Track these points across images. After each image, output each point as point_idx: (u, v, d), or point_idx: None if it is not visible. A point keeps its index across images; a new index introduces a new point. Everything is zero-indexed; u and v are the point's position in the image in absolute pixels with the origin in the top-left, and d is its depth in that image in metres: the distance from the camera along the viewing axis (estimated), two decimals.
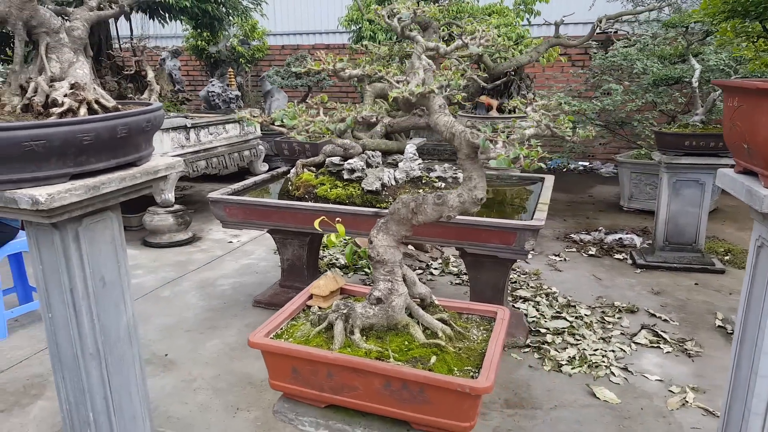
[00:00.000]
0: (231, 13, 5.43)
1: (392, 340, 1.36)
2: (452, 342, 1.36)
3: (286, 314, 1.49)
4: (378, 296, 1.37)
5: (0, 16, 1.51)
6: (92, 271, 1.73)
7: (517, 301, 3.69)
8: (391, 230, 1.34)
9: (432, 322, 1.37)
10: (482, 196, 1.23)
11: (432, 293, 1.51)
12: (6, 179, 1.43)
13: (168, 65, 7.44)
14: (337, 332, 1.35)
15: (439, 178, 3.19)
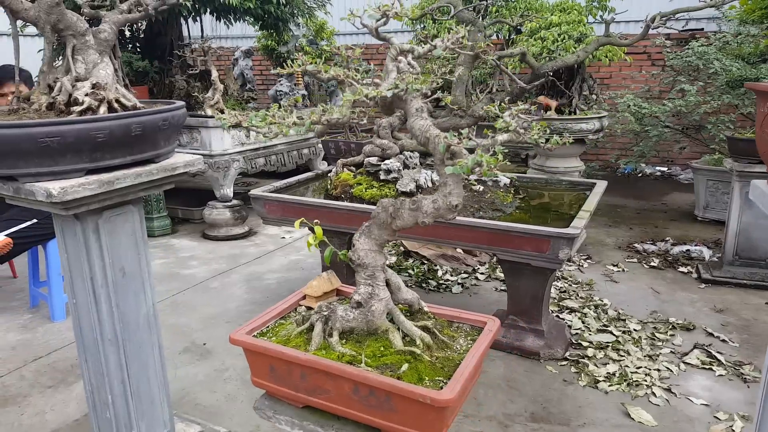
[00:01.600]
0: (295, 13, 5.55)
1: (370, 345, 1.34)
2: (430, 351, 1.32)
3: (275, 313, 1.51)
4: (358, 300, 1.35)
5: (30, 20, 1.62)
6: (112, 262, 1.83)
7: (563, 311, 3.54)
8: (373, 234, 1.33)
9: (411, 329, 1.34)
10: (457, 202, 1.19)
11: (420, 300, 1.47)
12: (25, 173, 1.54)
13: (241, 64, 7.73)
14: (315, 334, 1.35)
15: (479, 181, 3.12)
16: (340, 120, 1.20)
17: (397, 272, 4.14)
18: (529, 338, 3.04)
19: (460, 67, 3.13)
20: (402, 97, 1.23)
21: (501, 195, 3.06)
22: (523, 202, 3.11)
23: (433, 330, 1.38)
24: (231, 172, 4.83)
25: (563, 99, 4.61)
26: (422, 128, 1.20)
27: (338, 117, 1.17)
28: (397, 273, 4.06)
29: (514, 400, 2.62)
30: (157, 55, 5.47)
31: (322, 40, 8.55)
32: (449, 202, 1.18)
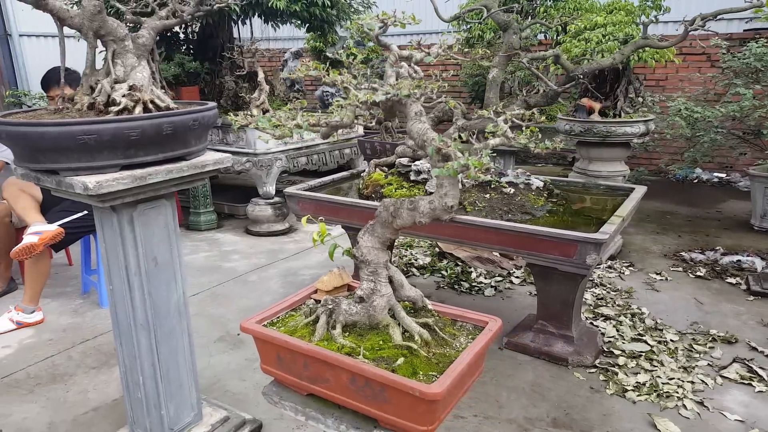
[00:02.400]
0: (341, 16, 5.66)
1: (371, 338, 1.39)
2: (428, 347, 1.36)
3: (287, 305, 1.58)
4: (360, 295, 1.41)
5: (76, 27, 1.76)
6: (145, 252, 1.95)
7: (598, 318, 3.48)
8: (376, 232, 1.38)
9: (411, 325, 1.38)
10: (452, 203, 1.22)
11: (423, 297, 1.51)
12: (65, 167, 1.67)
13: (290, 66, 7.93)
14: (319, 325, 1.41)
15: (510, 184, 3.11)
16: (340, 123, 1.25)
17: (431, 273, 4.18)
18: (558, 344, 3.01)
19: (494, 69, 3.14)
20: (401, 101, 1.27)
21: (532, 198, 3.04)
22: (555, 206, 3.08)
23: (433, 327, 1.42)
24: (273, 171, 4.98)
25: (608, 101, 4.52)
26: (420, 131, 1.24)
27: (338, 120, 1.23)
28: (430, 273, 4.13)
29: (536, 405, 2.61)
30: (208, 56, 5.70)
31: (369, 42, 8.66)
32: (445, 203, 1.21)
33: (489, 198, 3.00)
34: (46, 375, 2.78)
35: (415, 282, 4.00)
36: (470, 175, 1.06)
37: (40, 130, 1.59)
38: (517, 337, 3.12)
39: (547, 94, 3.08)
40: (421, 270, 4.25)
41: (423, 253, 4.56)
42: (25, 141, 1.63)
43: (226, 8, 1.94)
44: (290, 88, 8.00)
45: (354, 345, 1.35)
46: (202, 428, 2.24)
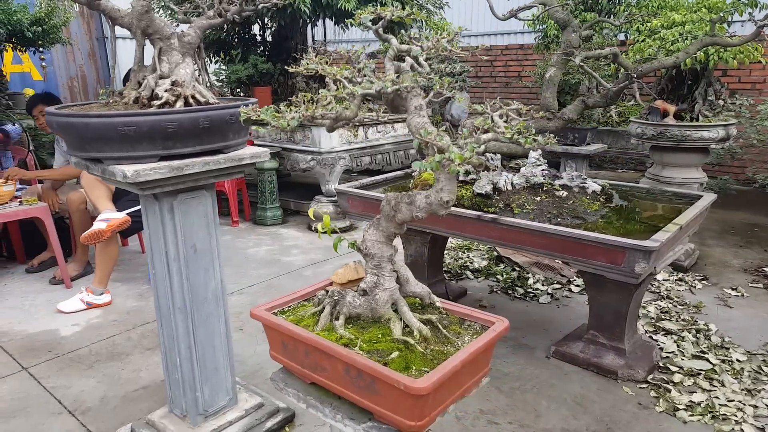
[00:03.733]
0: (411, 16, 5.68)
1: (372, 331, 1.39)
2: (427, 343, 1.34)
3: (299, 295, 1.62)
4: (363, 288, 1.42)
5: (125, 26, 1.89)
6: (184, 239, 2.06)
7: (658, 332, 3.28)
8: (381, 226, 1.38)
9: (411, 320, 1.37)
10: (448, 198, 1.20)
11: (431, 294, 1.49)
12: (109, 156, 1.80)
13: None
14: (323, 316, 1.44)
15: (564, 187, 3.00)
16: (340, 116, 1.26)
17: (485, 276, 4.10)
18: (609, 356, 2.87)
19: (552, 68, 3.04)
20: (402, 95, 1.27)
21: (586, 202, 2.92)
22: (611, 212, 2.94)
23: (436, 324, 1.40)
24: (336, 169, 5.08)
25: (685, 104, 4.24)
26: (417, 126, 1.22)
27: (333, 114, 1.23)
28: (485, 277, 4.05)
29: (577, 417, 2.50)
30: (282, 58, 5.90)
31: None
32: (440, 198, 1.19)
33: (539, 201, 2.91)
34: (105, 353, 2.99)
35: (467, 285, 3.95)
36: (452, 169, 1.04)
37: (85, 121, 1.72)
38: (566, 346, 3.00)
39: (606, 94, 2.94)
40: (476, 273, 4.18)
41: (481, 256, 4.49)
42: (73, 131, 1.77)
43: (273, 8, 2.00)
44: None
45: (353, 336, 1.36)
46: (235, 412, 2.32)
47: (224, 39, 5.93)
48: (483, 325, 1.46)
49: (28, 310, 3.51)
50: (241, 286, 3.88)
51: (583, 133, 6.00)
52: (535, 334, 3.25)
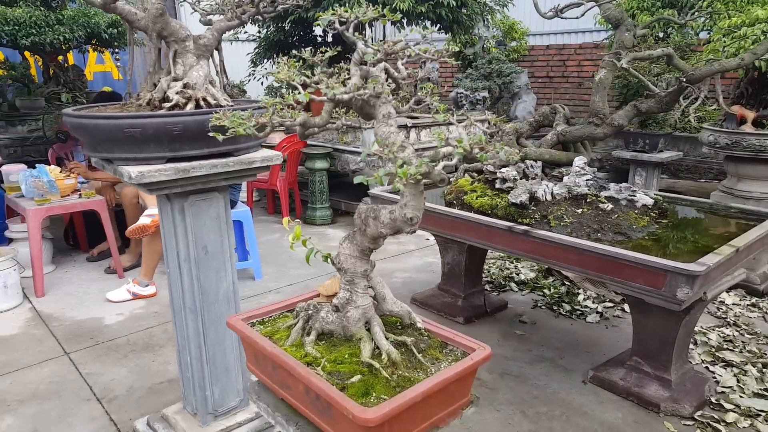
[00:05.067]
0: (473, 16, 5.53)
1: (341, 350, 1.32)
2: (395, 367, 1.25)
3: (282, 305, 1.57)
4: (336, 304, 1.35)
5: (142, 28, 1.92)
6: (195, 240, 2.07)
7: (717, 363, 2.98)
8: (355, 240, 1.30)
9: (381, 341, 1.29)
10: (412, 215, 1.10)
11: (411, 314, 1.40)
12: (118, 157, 1.83)
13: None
14: (295, 330, 1.38)
15: (610, 199, 2.79)
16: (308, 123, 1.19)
17: (531, 289, 3.91)
18: (652, 386, 2.63)
19: (602, 69, 2.83)
20: (369, 102, 1.18)
21: (633, 217, 2.69)
22: (662, 228, 2.69)
23: (410, 347, 1.31)
24: None
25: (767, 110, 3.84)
26: (384, 135, 1.14)
27: (280, 121, 1.16)
28: (530, 290, 3.86)
29: None
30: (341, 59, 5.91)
31: (512, 41, 8.36)
32: (404, 215, 1.10)
33: (580, 213, 2.72)
34: (141, 343, 3.10)
35: (510, 298, 3.77)
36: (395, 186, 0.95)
37: (94, 122, 1.76)
38: (606, 372, 2.78)
39: (661, 99, 2.70)
40: (521, 285, 3.99)
41: (530, 268, 4.28)
42: (85, 132, 1.82)
43: (296, 9, 1.97)
44: None
45: (318, 355, 1.30)
46: (246, 414, 2.32)
47: (285, 40, 6.02)
48: (464, 351, 1.35)
49: (80, 297, 3.71)
50: (279, 285, 3.92)
51: (655, 139, 5.61)
52: (575, 355, 3.04)
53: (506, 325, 3.40)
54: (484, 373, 2.86)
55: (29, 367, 2.86)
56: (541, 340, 3.22)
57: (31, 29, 4.91)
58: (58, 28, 5.03)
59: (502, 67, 5.46)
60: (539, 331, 3.32)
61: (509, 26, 7.93)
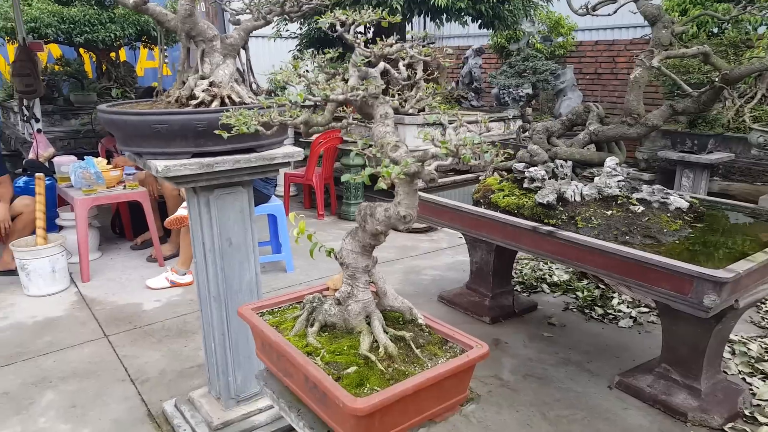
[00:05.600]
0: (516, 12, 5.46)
1: (341, 342, 1.35)
2: (391, 361, 1.28)
3: (292, 297, 1.62)
4: (338, 298, 1.38)
5: (172, 28, 2.01)
6: (220, 232, 2.15)
7: (755, 374, 2.86)
8: (357, 236, 1.34)
9: (379, 335, 1.31)
10: (405, 213, 1.12)
11: (413, 309, 1.42)
12: (146, 151, 1.92)
13: (470, 63, 7.89)
14: (299, 321, 1.42)
15: (641, 201, 2.71)
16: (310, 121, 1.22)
17: (563, 291, 3.84)
18: (680, 395, 2.56)
19: (638, 68, 2.76)
20: (368, 102, 1.20)
21: (665, 220, 2.61)
22: (695, 232, 2.60)
23: (408, 342, 1.34)
24: None
25: None
26: (380, 134, 1.16)
27: (282, 120, 1.20)
28: (562, 292, 3.80)
29: None
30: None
31: (559, 36, 8.18)
32: (398, 212, 1.12)
33: (610, 215, 2.66)
34: (175, 329, 3.23)
35: (540, 299, 3.73)
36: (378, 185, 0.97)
37: (124, 118, 1.86)
38: (632, 378, 2.72)
39: (698, 99, 2.61)
40: (553, 287, 3.93)
41: (564, 270, 4.21)
42: (116, 127, 1.92)
43: (323, 8, 2.02)
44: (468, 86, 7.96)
45: (319, 345, 1.34)
46: (267, 401, 2.38)
47: (325, 37, 6.09)
48: (463, 348, 1.37)
49: (123, 283, 3.90)
50: (309, 278, 4.00)
51: (704, 140, 5.40)
52: (603, 360, 2.98)
53: (534, 327, 3.36)
54: (506, 374, 2.85)
55: (71, 347, 3.03)
56: (569, 343, 3.17)
57: (85, 27, 5.16)
58: (110, 26, 5.28)
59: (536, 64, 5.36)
60: (568, 334, 3.27)
61: (555, 21, 7.76)
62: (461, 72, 7.70)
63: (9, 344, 3.06)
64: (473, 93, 7.70)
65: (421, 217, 3.19)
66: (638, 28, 8.22)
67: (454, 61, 8.13)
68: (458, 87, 7.78)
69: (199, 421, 2.32)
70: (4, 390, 2.64)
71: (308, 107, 1.19)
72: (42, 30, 5.18)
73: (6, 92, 5.95)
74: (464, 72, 7.74)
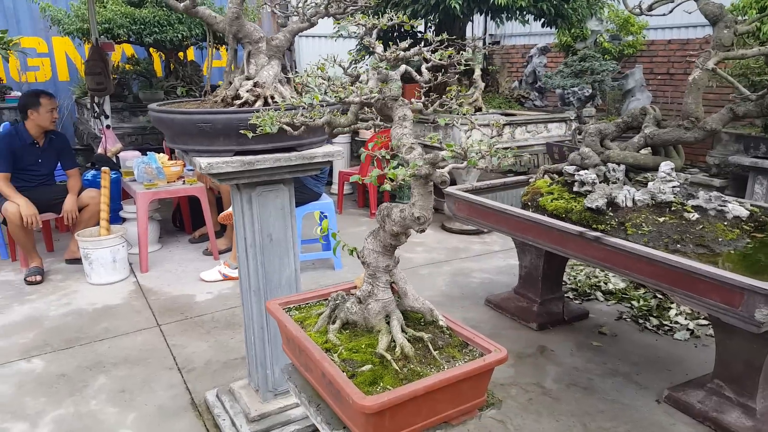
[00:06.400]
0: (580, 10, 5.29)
1: (360, 340, 1.36)
2: (406, 360, 1.28)
3: (319, 294, 1.65)
4: (359, 296, 1.40)
5: (220, 30, 2.09)
6: (261, 228, 2.22)
7: None
8: (379, 236, 1.35)
9: (397, 335, 1.32)
10: (419, 214, 1.11)
11: (433, 311, 1.42)
12: (192, 149, 2.00)
13: (534, 62, 7.70)
14: (321, 318, 1.45)
15: (696, 208, 2.58)
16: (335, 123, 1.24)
17: (618, 300, 3.71)
18: (733, 413, 2.42)
19: (697, 69, 2.63)
20: (388, 104, 1.20)
21: (721, 229, 2.47)
22: (754, 243, 2.45)
23: (426, 343, 1.33)
24: (473, 169, 4.97)
25: None
26: (397, 136, 1.16)
27: (303, 120, 1.21)
28: (617, 301, 3.66)
29: None
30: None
31: (628, 35, 7.86)
32: (412, 213, 1.12)
33: (662, 222, 2.55)
34: (223, 321, 3.35)
35: (593, 307, 3.61)
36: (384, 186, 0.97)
37: (171, 116, 1.95)
38: (683, 392, 2.60)
39: (761, 102, 2.46)
40: (608, 295, 3.80)
41: (620, 278, 4.06)
42: (165, 125, 2.02)
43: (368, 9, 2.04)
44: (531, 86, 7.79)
45: (338, 342, 1.36)
46: None
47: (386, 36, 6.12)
48: (482, 352, 1.35)
49: (178, 274, 4.07)
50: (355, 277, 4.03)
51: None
52: (653, 372, 2.86)
53: (583, 336, 3.26)
54: (549, 382, 2.78)
55: (126, 334, 3.20)
56: (618, 353, 3.06)
57: (154, 28, 5.42)
58: (178, 26, 5.51)
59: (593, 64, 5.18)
60: (618, 344, 3.16)
61: (624, 20, 7.47)
62: (525, 71, 7.55)
63: (70, 329, 3.26)
64: (537, 93, 7.53)
65: (467, 218, 3.16)
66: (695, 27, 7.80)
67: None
68: (521, 87, 7.63)
69: (238, 411, 2.40)
70: (62, 372, 2.82)
71: (335, 108, 1.21)
72: (114, 30, 5.48)
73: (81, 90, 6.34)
74: (528, 71, 7.58)
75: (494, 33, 10.62)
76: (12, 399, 2.60)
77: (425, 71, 1.31)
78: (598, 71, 5.01)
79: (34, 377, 2.77)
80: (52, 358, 2.94)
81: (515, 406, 2.59)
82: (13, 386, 2.70)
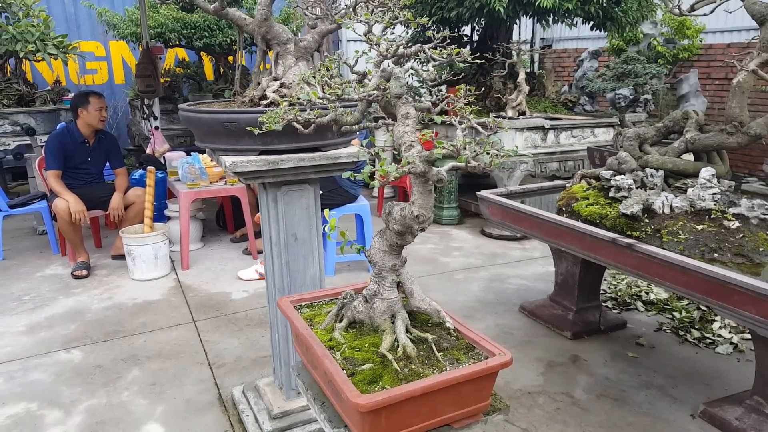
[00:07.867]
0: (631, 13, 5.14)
1: (365, 339, 1.37)
2: (408, 361, 1.28)
3: (331, 292, 1.65)
4: (365, 295, 1.40)
5: (249, 32, 2.14)
6: (286, 227, 2.25)
7: None
8: (386, 235, 1.35)
9: (400, 335, 1.31)
10: (418, 213, 1.10)
11: (440, 312, 1.40)
12: (218, 147, 2.06)
13: (585, 66, 7.51)
14: (329, 316, 1.46)
15: (738, 216, 2.46)
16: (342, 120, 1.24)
17: (659, 311, 3.58)
18: None
19: (742, 72, 2.51)
20: (391, 102, 1.20)
21: (762, 238, 2.34)
22: None
23: (431, 344, 1.32)
24: (516, 174, 4.89)
25: None
26: (399, 134, 1.15)
27: (306, 118, 1.22)
28: (658, 312, 3.53)
29: None
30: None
31: (684, 39, 7.57)
32: (411, 212, 1.12)
33: (700, 230, 2.44)
34: (257, 319, 3.41)
35: (632, 318, 3.49)
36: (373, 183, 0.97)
37: (198, 116, 2.01)
38: (719, 408, 2.48)
39: None
40: (648, 306, 3.66)
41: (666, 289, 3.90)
42: (193, 124, 2.08)
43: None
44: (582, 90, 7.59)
45: (343, 341, 1.36)
46: None
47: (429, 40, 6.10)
48: (487, 355, 1.33)
49: (217, 272, 4.19)
50: None
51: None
52: (689, 386, 2.74)
53: (619, 346, 3.15)
54: (579, 392, 2.70)
55: (162, 329, 3.31)
56: (655, 365, 2.94)
57: (204, 32, 5.59)
58: (227, 31, 5.68)
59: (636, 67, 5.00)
60: (656, 356, 3.04)
61: (680, 23, 7.20)
62: (575, 75, 7.38)
63: (109, 322, 3.40)
64: (587, 97, 7.35)
65: (501, 223, 3.12)
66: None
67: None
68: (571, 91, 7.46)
69: (261, 408, 2.44)
70: (99, 363, 2.94)
71: (349, 106, 1.22)
72: (166, 35, 5.70)
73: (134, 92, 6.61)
74: (578, 75, 7.40)
75: (545, 37, 10.43)
76: (49, 387, 2.74)
77: (432, 69, 1.30)
78: (641, 74, 4.83)
79: (72, 367, 2.91)
80: (91, 350, 3.08)
81: (542, 415, 2.53)
82: (52, 375, 2.84)
